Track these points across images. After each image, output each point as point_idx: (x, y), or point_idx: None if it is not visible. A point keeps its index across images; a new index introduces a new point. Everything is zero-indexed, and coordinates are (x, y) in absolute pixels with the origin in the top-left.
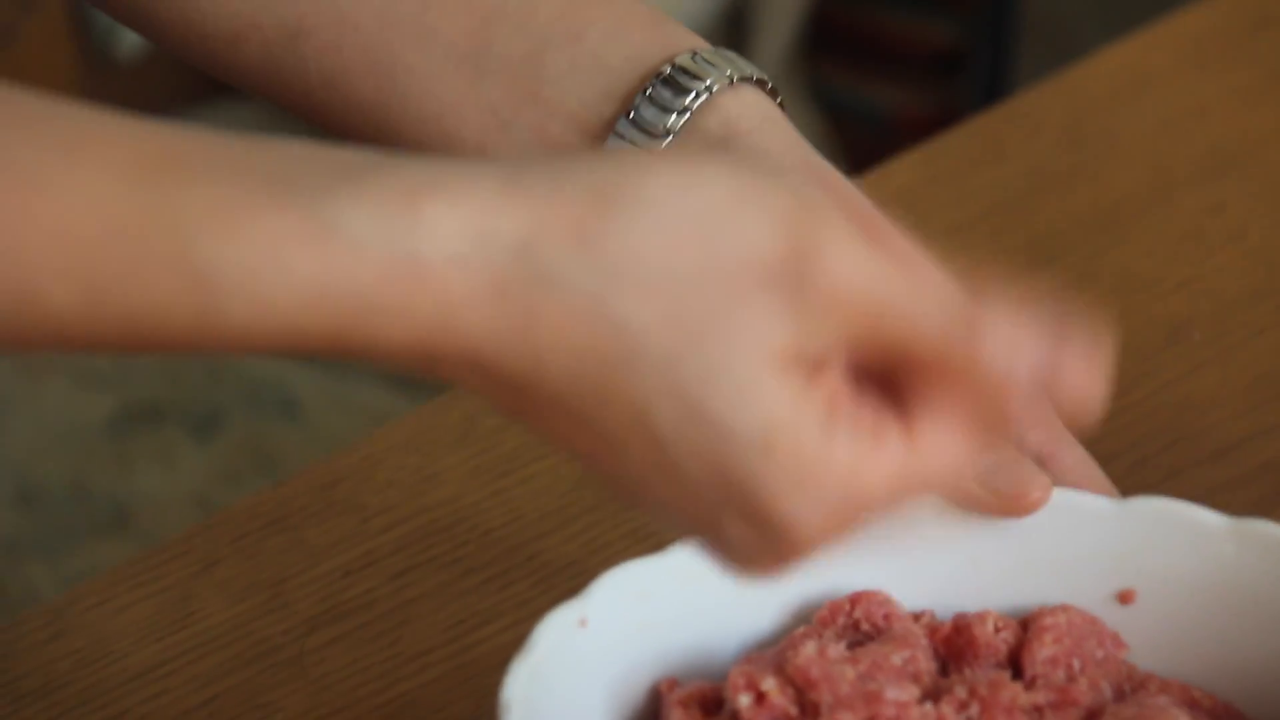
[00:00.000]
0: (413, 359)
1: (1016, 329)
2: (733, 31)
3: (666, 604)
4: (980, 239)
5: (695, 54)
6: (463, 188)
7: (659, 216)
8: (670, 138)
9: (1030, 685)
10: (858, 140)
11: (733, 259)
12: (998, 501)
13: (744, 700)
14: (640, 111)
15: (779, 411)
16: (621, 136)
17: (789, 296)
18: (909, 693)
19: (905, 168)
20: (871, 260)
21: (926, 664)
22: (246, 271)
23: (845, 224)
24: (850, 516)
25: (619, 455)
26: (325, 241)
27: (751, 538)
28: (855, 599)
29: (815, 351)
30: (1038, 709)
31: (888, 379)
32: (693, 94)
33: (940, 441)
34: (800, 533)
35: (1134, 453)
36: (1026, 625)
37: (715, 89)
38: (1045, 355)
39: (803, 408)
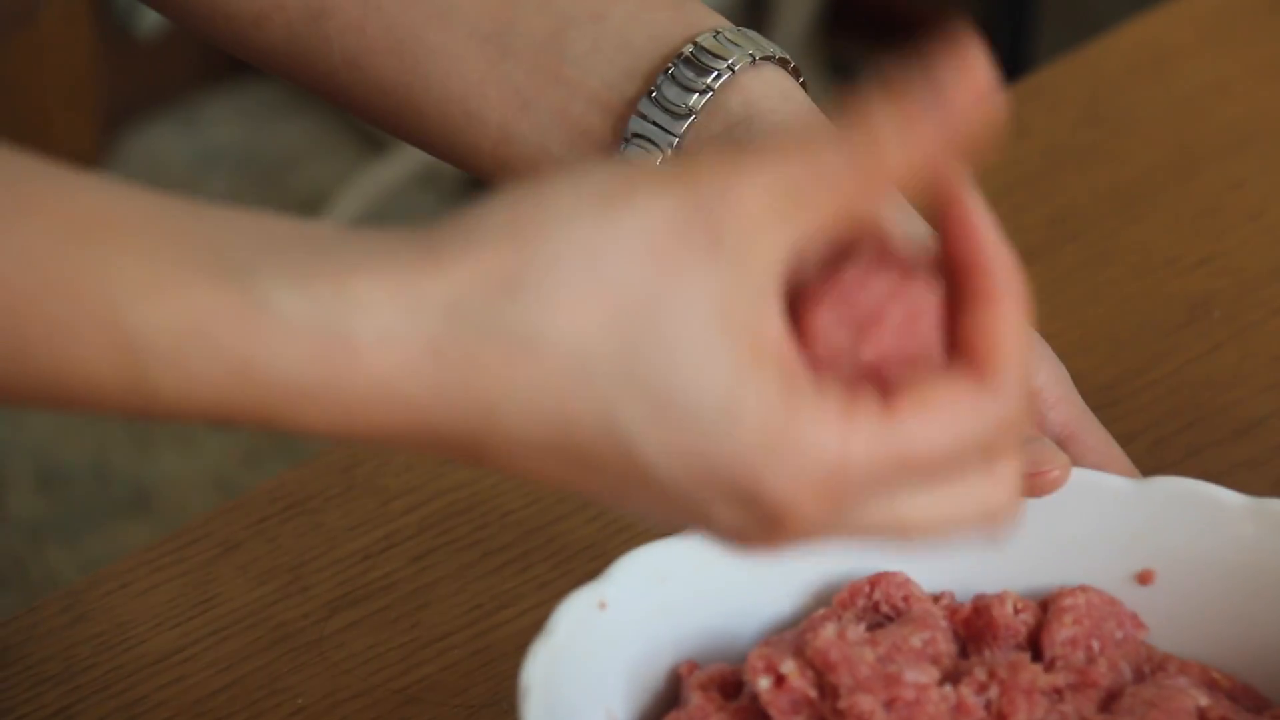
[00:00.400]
0: (349, 436)
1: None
2: (754, 10)
3: (686, 586)
4: (1001, 215)
5: (717, 33)
6: (383, 262)
7: (566, 235)
8: (693, 116)
9: (1050, 667)
10: None
11: (641, 241)
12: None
13: (764, 683)
14: (663, 90)
15: (734, 372)
16: (644, 116)
17: (705, 248)
18: (929, 675)
19: None
20: (759, 166)
21: (946, 646)
22: (175, 343)
23: (722, 157)
24: (836, 492)
25: (593, 474)
26: (254, 319)
27: (742, 519)
28: (874, 581)
29: (750, 293)
30: (1057, 690)
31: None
32: (715, 73)
33: (925, 421)
34: (788, 505)
35: (1153, 432)
36: (1046, 606)
37: (737, 68)
38: (938, 112)
39: (753, 365)
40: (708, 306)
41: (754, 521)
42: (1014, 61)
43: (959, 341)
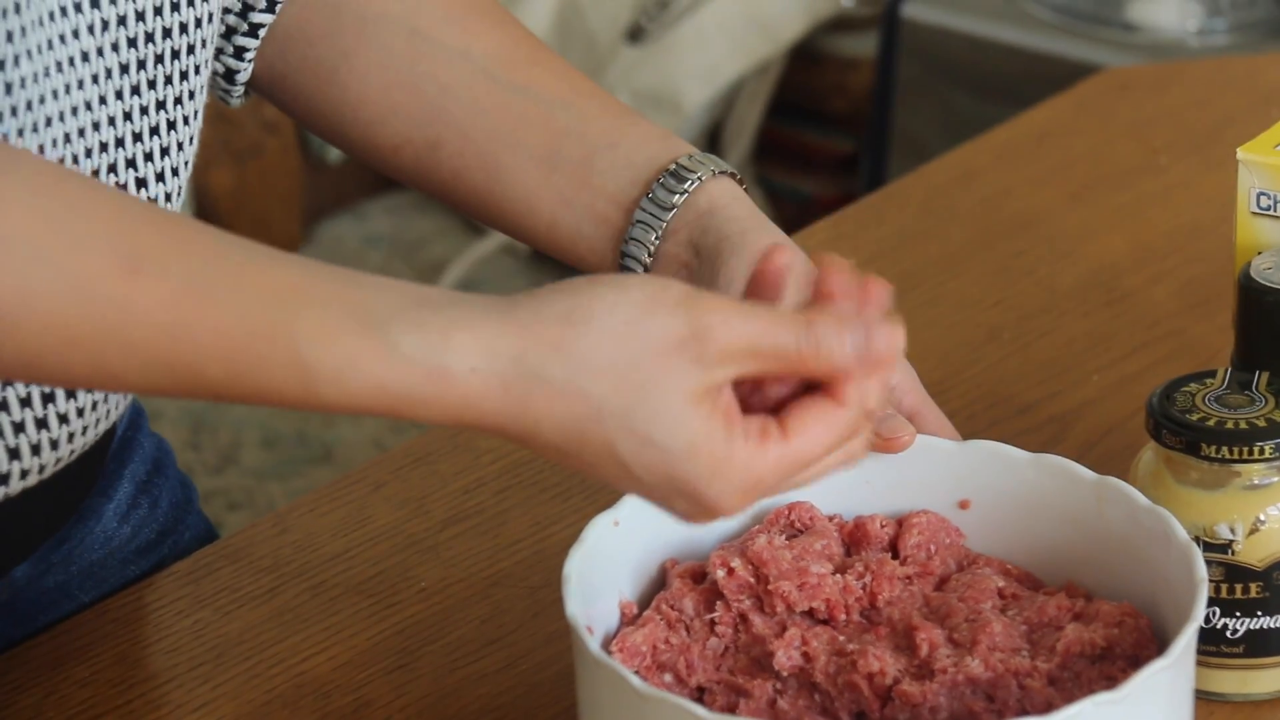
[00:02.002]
0: (449, 425)
1: (842, 331)
2: (711, 143)
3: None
4: (868, 272)
5: (690, 156)
6: (478, 321)
7: (604, 326)
8: (675, 210)
9: (903, 562)
10: (791, 213)
11: (654, 343)
12: (882, 442)
13: (720, 573)
14: (655, 194)
15: (697, 429)
16: (643, 209)
17: (693, 358)
18: (826, 568)
19: (821, 230)
20: (741, 322)
21: (837, 549)
22: (336, 372)
23: (722, 304)
24: (752, 492)
25: (598, 472)
26: (389, 357)
27: (691, 509)
28: (791, 507)
29: (714, 386)
30: (908, 577)
31: (775, 403)
32: (689, 182)
33: (807, 440)
34: (721, 506)
35: (967, 411)
36: (901, 523)
37: (703, 178)
38: (862, 337)
39: (711, 425)
40: (685, 390)
41: (698, 509)
42: (875, 177)
43: (828, 381)
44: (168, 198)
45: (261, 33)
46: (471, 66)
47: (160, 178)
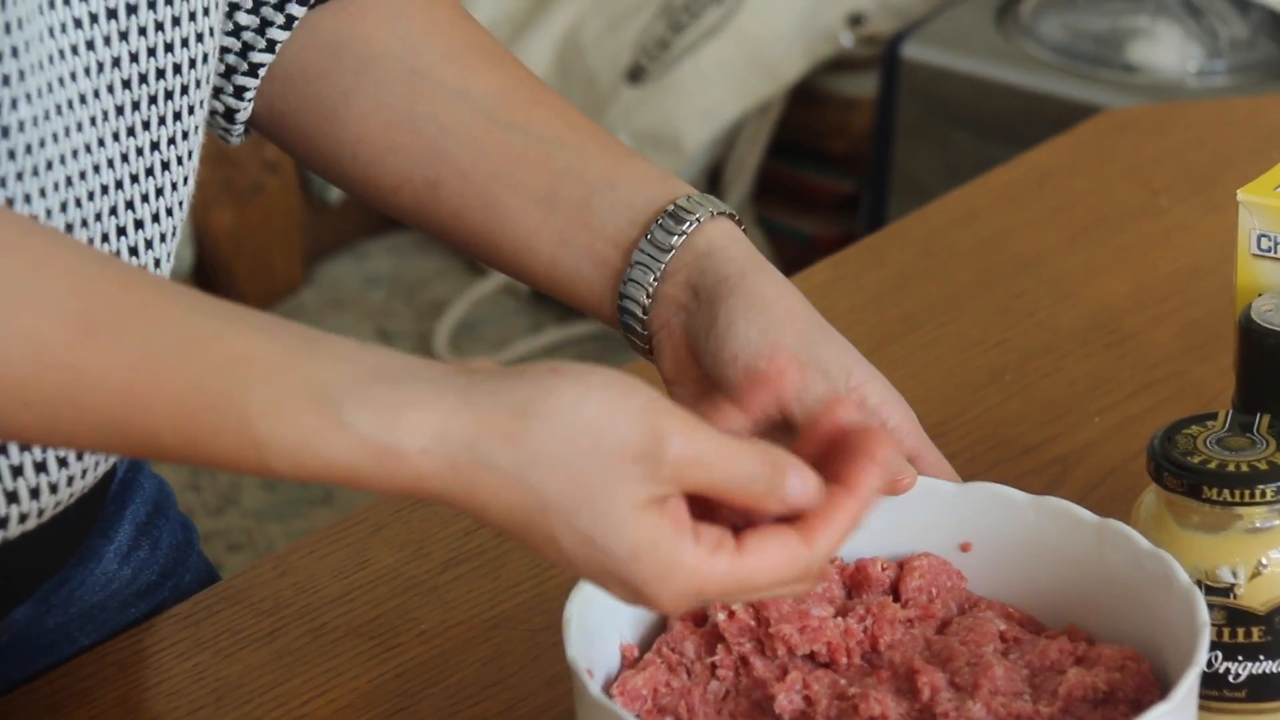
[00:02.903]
0: (399, 498)
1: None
2: (712, 183)
3: None
4: (867, 315)
5: (689, 197)
6: (432, 401)
7: (561, 423)
8: (673, 251)
9: (905, 605)
10: (791, 253)
11: (608, 449)
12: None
13: (721, 617)
14: (654, 235)
15: (643, 535)
16: (642, 251)
17: (645, 473)
18: (827, 611)
19: (821, 270)
20: (698, 447)
21: (838, 592)
22: (288, 448)
23: (682, 422)
24: (695, 598)
25: (542, 556)
26: (340, 434)
27: (630, 598)
28: None
29: (663, 497)
30: (909, 620)
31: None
32: (688, 223)
33: (762, 560)
34: (661, 604)
35: (969, 452)
36: (902, 566)
37: (702, 220)
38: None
39: (658, 531)
40: (634, 499)
41: (638, 601)
42: (876, 218)
43: (804, 514)
44: (163, 238)
45: (261, 72)
46: (471, 106)
47: (156, 218)
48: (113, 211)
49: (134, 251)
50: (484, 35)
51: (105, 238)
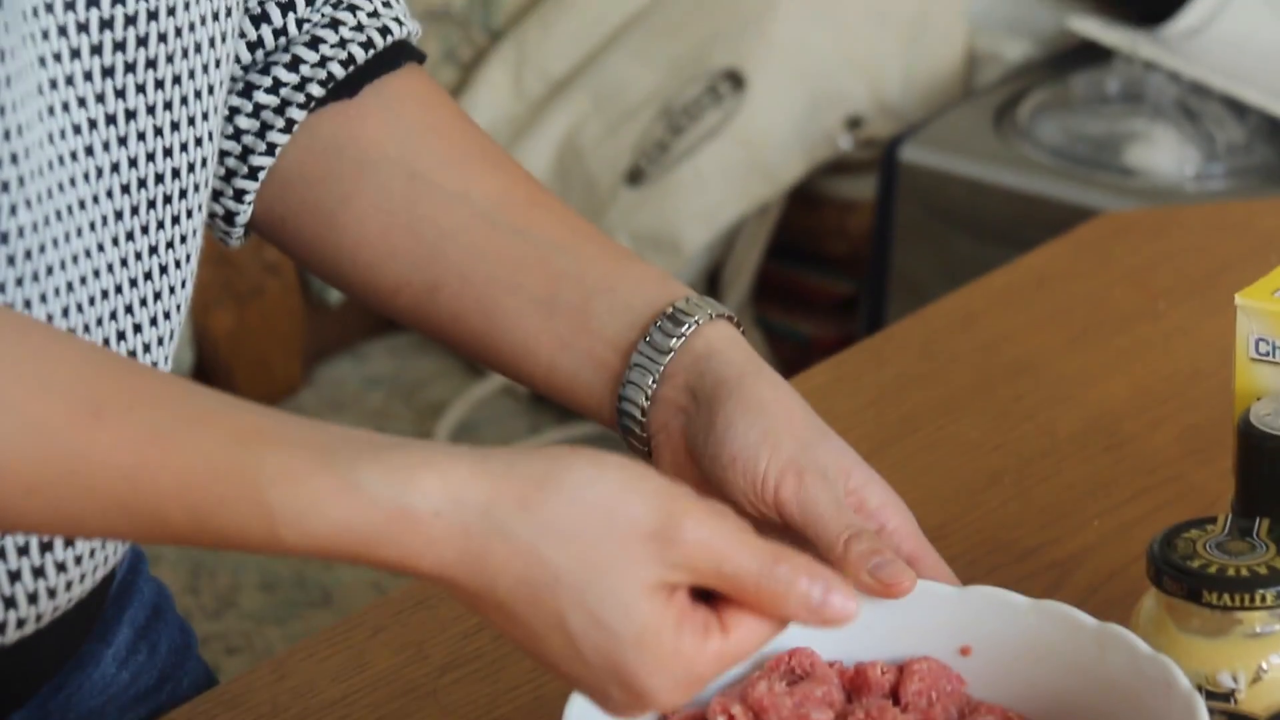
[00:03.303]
0: (406, 572)
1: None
2: (711, 284)
3: None
4: (866, 418)
5: (688, 299)
6: (447, 465)
7: (576, 498)
8: (672, 354)
9: (905, 709)
10: (789, 355)
11: (622, 527)
12: (882, 587)
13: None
14: (652, 337)
15: (649, 621)
16: (641, 354)
17: (657, 554)
18: (827, 715)
19: (819, 373)
20: (711, 534)
21: (838, 695)
22: (299, 513)
23: (697, 507)
24: (690, 687)
25: (543, 644)
26: (352, 496)
27: (626, 699)
28: (792, 653)
29: (672, 583)
30: None
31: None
32: (686, 325)
33: (745, 634)
34: (658, 699)
35: (968, 555)
36: (902, 669)
37: (700, 322)
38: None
39: (663, 619)
40: (644, 580)
41: (631, 700)
42: (875, 320)
43: None
44: (161, 341)
45: (261, 175)
46: (470, 209)
47: (155, 321)
48: (113, 316)
49: (133, 355)
50: (483, 138)
51: (106, 342)
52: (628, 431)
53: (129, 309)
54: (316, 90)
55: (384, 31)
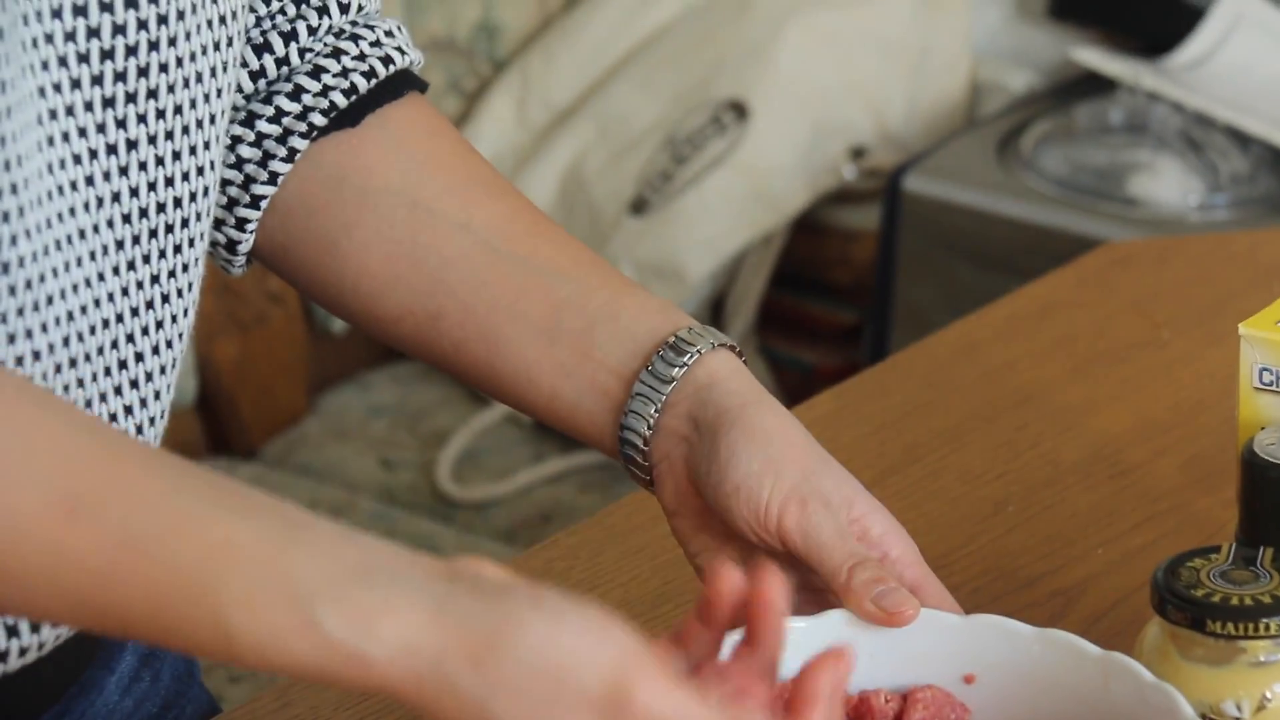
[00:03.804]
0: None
1: None
2: (715, 313)
3: None
4: (870, 446)
5: (690, 329)
6: (407, 612)
7: (524, 658)
8: (674, 383)
9: None
10: (793, 384)
11: (572, 691)
12: (885, 616)
13: None
14: (655, 366)
15: None
16: (643, 382)
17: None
18: None
19: (823, 401)
20: (664, 704)
21: None
22: (258, 643)
23: (650, 675)
24: None
25: None
26: (311, 633)
27: None
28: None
29: None
30: None
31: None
32: (689, 354)
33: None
34: None
35: (971, 584)
36: (905, 698)
37: (702, 351)
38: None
39: None
40: None
41: None
42: (879, 349)
43: None
44: (163, 370)
45: (263, 204)
46: (473, 238)
47: (157, 350)
48: (114, 344)
49: (135, 384)
50: (485, 167)
51: (108, 371)
52: (629, 460)
53: (129, 338)
54: (319, 119)
55: (386, 61)
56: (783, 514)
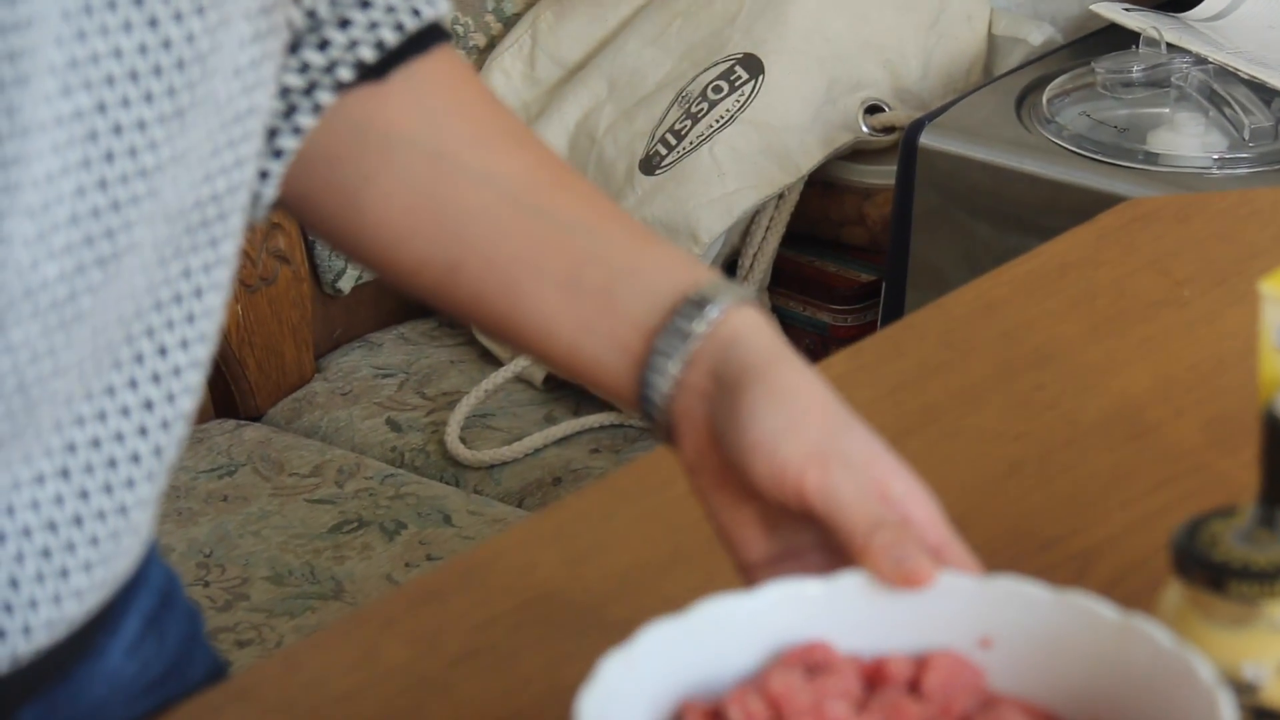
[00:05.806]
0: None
1: None
2: (728, 272)
3: (685, 651)
4: (886, 407)
5: (713, 283)
6: None
7: None
8: (696, 339)
9: (924, 702)
10: (807, 344)
11: None
12: (902, 579)
13: (737, 712)
14: (677, 322)
15: None
16: (665, 337)
17: None
18: (844, 708)
19: (839, 361)
20: None
21: (856, 688)
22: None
23: None
24: None
25: None
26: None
27: None
28: (809, 646)
29: None
30: (929, 718)
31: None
32: (711, 310)
33: None
34: None
35: (989, 546)
36: (921, 662)
37: (725, 306)
38: None
39: None
40: None
41: None
42: (894, 308)
43: None
44: (203, 338)
45: (285, 156)
46: (494, 190)
47: (184, 345)
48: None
49: (156, 378)
50: (509, 118)
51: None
52: (649, 415)
53: (163, 351)
54: (345, 75)
55: (414, 13)
56: (803, 473)
